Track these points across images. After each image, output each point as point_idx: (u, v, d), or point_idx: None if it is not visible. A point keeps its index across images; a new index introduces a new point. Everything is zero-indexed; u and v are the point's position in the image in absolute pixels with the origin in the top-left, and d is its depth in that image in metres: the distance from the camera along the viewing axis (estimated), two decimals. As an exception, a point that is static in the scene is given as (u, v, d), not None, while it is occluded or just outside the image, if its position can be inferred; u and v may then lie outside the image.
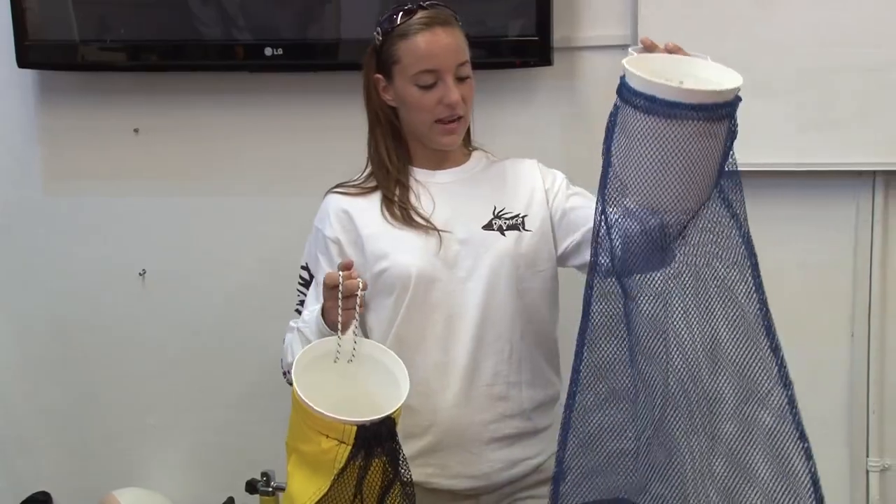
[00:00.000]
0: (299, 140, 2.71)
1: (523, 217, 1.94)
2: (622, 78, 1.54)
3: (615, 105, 1.56)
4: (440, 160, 1.97)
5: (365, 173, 2.00)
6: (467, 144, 2.03)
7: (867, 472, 2.57)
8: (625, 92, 1.52)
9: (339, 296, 1.74)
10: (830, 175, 2.48)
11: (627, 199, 1.55)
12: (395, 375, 1.76)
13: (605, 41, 2.53)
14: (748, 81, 2.44)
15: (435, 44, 1.85)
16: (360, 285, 1.75)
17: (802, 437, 1.57)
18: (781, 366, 1.58)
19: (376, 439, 1.66)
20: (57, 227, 2.87)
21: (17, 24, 2.68)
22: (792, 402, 1.57)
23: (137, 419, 2.92)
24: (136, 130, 2.80)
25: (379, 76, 1.93)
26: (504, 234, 1.92)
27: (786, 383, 1.57)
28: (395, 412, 1.69)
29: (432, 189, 1.95)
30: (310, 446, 1.68)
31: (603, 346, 1.64)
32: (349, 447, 1.65)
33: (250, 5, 2.61)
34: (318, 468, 1.68)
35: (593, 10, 2.54)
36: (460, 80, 1.88)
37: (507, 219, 1.93)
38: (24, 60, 2.71)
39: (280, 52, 2.58)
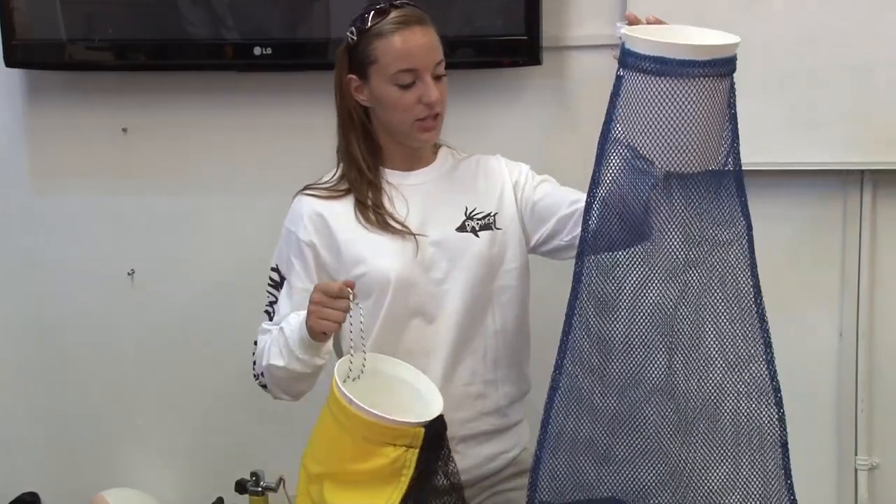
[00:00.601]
0: (289, 139, 2.70)
1: (494, 215, 1.95)
2: (623, 47, 1.56)
3: (617, 76, 1.57)
4: (412, 161, 1.98)
5: (336, 175, 1.99)
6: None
7: (855, 470, 2.58)
8: (630, 59, 1.54)
9: (351, 305, 1.75)
10: (819, 174, 2.48)
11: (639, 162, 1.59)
12: (408, 381, 1.78)
13: (595, 41, 2.53)
14: (738, 80, 2.46)
15: (413, 42, 1.85)
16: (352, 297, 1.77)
17: (775, 387, 1.69)
18: (765, 333, 1.67)
19: (438, 438, 1.68)
20: (44, 227, 2.86)
21: (5, 24, 2.67)
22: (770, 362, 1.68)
23: (126, 419, 2.91)
24: (124, 130, 2.79)
25: (352, 76, 1.92)
26: (478, 236, 1.93)
27: (767, 343, 1.67)
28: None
29: (405, 191, 1.95)
30: (371, 462, 1.66)
31: (592, 322, 1.65)
32: (417, 450, 1.66)
33: (239, 5, 2.61)
34: (380, 482, 1.66)
35: (582, 9, 2.55)
36: (436, 78, 1.88)
37: (479, 219, 1.94)
38: (11, 60, 2.70)
39: (269, 51, 2.58)
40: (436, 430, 1.68)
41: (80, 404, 2.93)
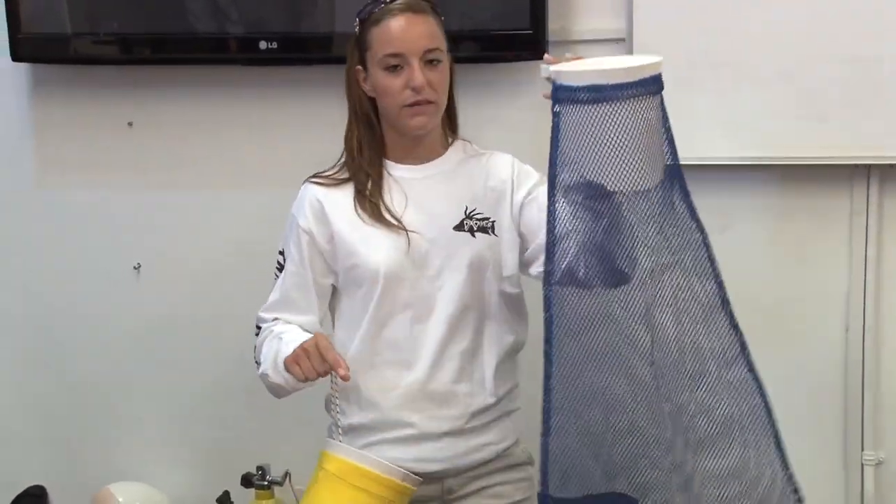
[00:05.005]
0: (294, 133, 2.70)
1: (493, 221, 1.95)
2: (555, 84, 1.60)
3: (553, 113, 1.61)
4: (416, 154, 1.98)
5: (340, 162, 2.01)
6: (448, 136, 2.02)
7: (862, 465, 2.57)
8: (563, 94, 1.58)
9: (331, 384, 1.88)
10: (825, 168, 2.47)
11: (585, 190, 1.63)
12: None
13: (600, 34, 2.53)
14: (744, 73, 2.46)
15: (400, 28, 1.87)
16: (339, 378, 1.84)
17: (762, 391, 1.71)
18: (739, 335, 1.69)
19: None
20: (49, 221, 2.86)
21: (11, 18, 2.67)
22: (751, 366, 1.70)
23: (133, 413, 2.92)
24: (130, 124, 2.79)
25: (359, 67, 1.94)
26: (474, 236, 1.93)
27: (743, 346, 1.69)
28: None
29: (405, 185, 1.96)
30: None
31: (570, 348, 1.67)
32: None
33: (244, -1, 2.61)
34: None
35: (587, 2, 2.54)
36: (430, 65, 1.89)
37: (478, 220, 1.95)
38: (17, 54, 2.70)
39: (274, 45, 2.58)
40: None
41: (87, 398, 2.93)
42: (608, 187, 1.60)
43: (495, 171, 1.99)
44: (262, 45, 2.58)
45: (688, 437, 1.70)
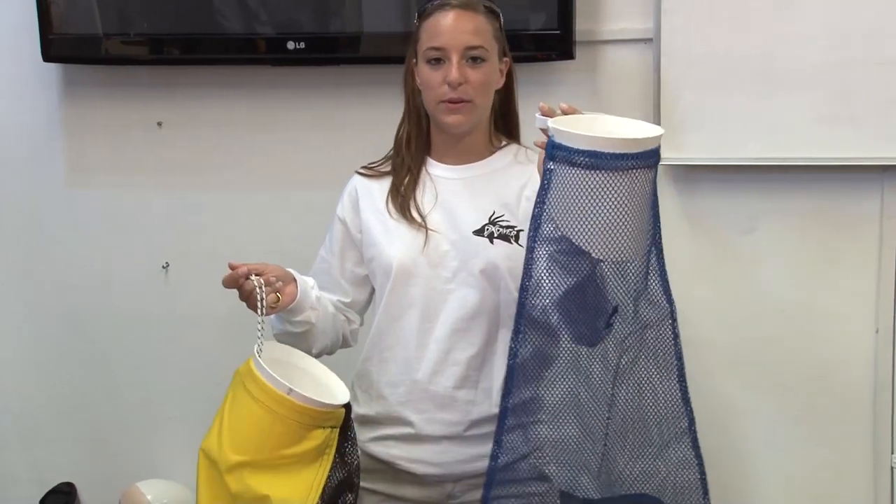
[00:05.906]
0: (322, 133, 2.71)
1: (518, 231, 1.92)
2: (552, 140, 1.57)
3: (546, 169, 1.58)
4: (456, 154, 1.97)
5: (388, 155, 2.03)
6: (496, 139, 2.01)
7: (892, 468, 2.55)
8: (560, 153, 1.55)
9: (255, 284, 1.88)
10: (855, 169, 2.46)
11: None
12: (304, 368, 1.84)
13: (628, 35, 2.52)
14: (773, 74, 2.45)
15: (446, 22, 1.89)
16: (257, 284, 1.87)
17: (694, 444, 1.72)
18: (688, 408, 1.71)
19: (348, 417, 1.78)
20: (79, 221, 2.88)
21: (42, 18, 2.69)
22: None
23: (160, 411, 2.94)
24: (159, 124, 2.81)
25: (414, 62, 1.96)
26: (493, 243, 1.91)
27: (691, 421, 1.71)
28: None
29: (439, 184, 1.96)
30: (302, 445, 1.72)
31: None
32: (338, 430, 1.75)
33: (272, -1, 2.62)
34: (307, 462, 1.73)
35: (615, 3, 2.54)
36: (472, 63, 1.89)
37: (501, 226, 1.93)
38: (48, 54, 2.72)
39: (302, 45, 2.59)
40: (347, 411, 1.79)
41: (115, 396, 2.95)
42: (592, 254, 1.57)
43: (536, 181, 1.98)
44: (291, 45, 2.59)
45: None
